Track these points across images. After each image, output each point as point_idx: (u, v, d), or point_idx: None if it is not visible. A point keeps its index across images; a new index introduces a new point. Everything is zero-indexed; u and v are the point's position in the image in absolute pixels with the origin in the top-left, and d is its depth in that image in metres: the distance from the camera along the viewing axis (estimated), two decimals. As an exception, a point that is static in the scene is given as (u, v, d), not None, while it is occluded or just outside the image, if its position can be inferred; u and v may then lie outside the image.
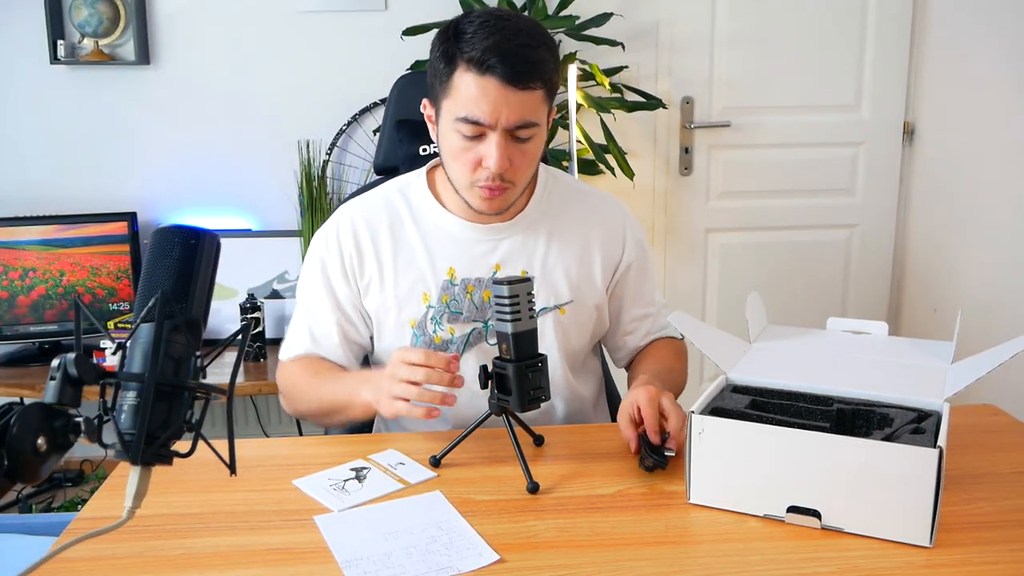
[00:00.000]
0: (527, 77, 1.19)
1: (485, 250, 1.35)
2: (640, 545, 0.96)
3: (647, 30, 2.89)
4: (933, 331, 2.86)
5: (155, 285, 0.70)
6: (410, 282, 1.35)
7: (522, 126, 1.22)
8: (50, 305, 2.68)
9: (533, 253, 1.36)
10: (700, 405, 1.06)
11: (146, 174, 2.87)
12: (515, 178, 1.26)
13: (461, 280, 1.34)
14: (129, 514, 0.68)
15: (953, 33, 2.81)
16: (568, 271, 1.38)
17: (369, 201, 1.40)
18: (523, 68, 1.18)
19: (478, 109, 1.19)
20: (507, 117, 1.20)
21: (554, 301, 1.37)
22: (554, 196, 1.41)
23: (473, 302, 1.34)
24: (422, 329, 1.35)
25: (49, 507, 2.69)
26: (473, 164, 1.24)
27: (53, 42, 2.71)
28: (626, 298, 1.45)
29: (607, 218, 1.43)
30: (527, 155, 1.25)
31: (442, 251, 1.35)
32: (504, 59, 1.17)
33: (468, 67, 1.19)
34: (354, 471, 1.14)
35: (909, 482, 0.93)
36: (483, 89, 1.18)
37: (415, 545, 0.95)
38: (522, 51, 1.18)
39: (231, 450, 0.70)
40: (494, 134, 1.21)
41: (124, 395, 0.68)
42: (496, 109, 1.19)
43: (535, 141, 1.26)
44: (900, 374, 1.14)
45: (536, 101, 1.22)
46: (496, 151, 1.21)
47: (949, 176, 2.84)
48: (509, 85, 1.18)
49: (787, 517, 0.99)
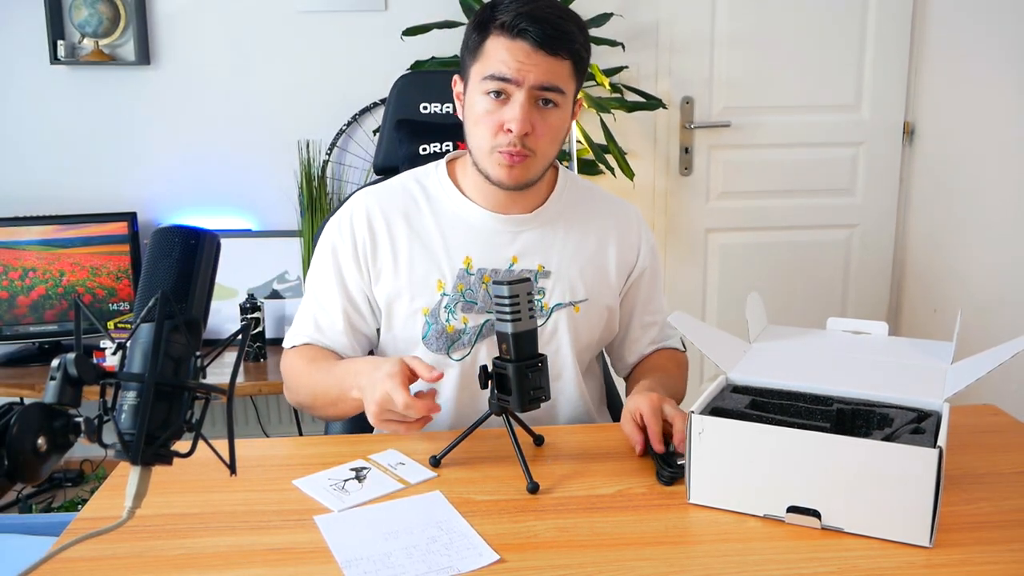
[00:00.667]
0: (557, 43, 1.22)
1: (503, 241, 1.36)
2: (640, 545, 0.96)
3: (647, 30, 2.89)
4: (933, 331, 2.86)
5: (155, 285, 0.70)
6: (425, 269, 1.34)
7: (548, 88, 1.24)
8: (50, 305, 2.68)
9: (551, 248, 1.37)
10: (700, 405, 1.06)
11: (146, 174, 2.87)
12: (536, 147, 1.27)
13: (477, 270, 1.34)
14: (129, 514, 0.68)
15: (953, 32, 2.81)
16: (583, 270, 1.38)
17: (385, 189, 1.40)
18: (554, 34, 1.22)
19: (506, 67, 1.22)
20: (535, 76, 1.22)
21: (569, 298, 1.37)
22: (573, 195, 1.42)
23: (488, 293, 1.34)
24: (435, 317, 1.34)
25: (49, 507, 2.69)
26: (496, 127, 1.25)
27: (53, 42, 2.71)
28: (637, 305, 1.46)
29: (623, 223, 1.44)
30: (550, 125, 1.27)
31: (459, 239, 1.35)
32: (536, 23, 1.21)
33: (501, 32, 1.23)
34: (354, 471, 1.14)
35: (909, 482, 0.93)
36: (514, 50, 1.22)
37: (415, 545, 0.95)
38: (554, 19, 1.23)
39: (231, 450, 0.70)
40: (520, 94, 1.23)
41: (124, 395, 0.68)
42: (524, 68, 1.22)
43: (559, 112, 1.27)
44: (900, 374, 1.15)
45: (564, 70, 1.25)
46: (520, 111, 1.23)
47: (949, 176, 2.84)
48: (539, 48, 1.22)
49: (787, 517, 0.99)
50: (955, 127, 2.81)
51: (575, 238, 1.39)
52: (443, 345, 1.35)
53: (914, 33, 2.95)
